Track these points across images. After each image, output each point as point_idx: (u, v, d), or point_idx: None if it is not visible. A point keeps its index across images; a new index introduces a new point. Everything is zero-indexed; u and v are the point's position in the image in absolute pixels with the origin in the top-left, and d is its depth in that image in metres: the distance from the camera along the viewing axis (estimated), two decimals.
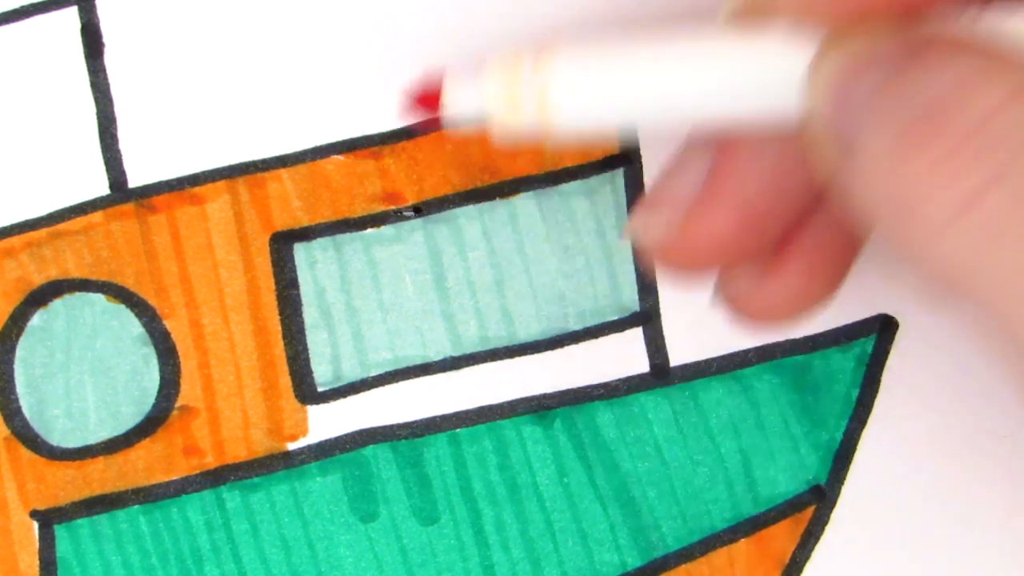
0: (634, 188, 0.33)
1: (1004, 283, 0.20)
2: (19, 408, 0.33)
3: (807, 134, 0.24)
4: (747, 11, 0.26)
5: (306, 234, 0.33)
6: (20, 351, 0.33)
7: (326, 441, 0.33)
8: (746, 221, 0.26)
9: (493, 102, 0.26)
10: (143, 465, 0.33)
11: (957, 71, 0.21)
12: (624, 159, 0.33)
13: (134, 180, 0.33)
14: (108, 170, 0.33)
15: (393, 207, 0.33)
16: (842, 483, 0.33)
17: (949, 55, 0.22)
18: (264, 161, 0.33)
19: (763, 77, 0.25)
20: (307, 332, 0.33)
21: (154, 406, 0.33)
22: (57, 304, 0.33)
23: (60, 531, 0.33)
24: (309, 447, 0.33)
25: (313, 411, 0.33)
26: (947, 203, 0.20)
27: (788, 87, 0.24)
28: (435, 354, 0.33)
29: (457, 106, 0.27)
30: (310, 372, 0.33)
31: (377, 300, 0.33)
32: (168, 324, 0.33)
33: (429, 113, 0.27)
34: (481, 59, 0.27)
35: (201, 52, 0.33)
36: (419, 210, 0.33)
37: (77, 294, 0.33)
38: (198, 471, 0.33)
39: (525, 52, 0.26)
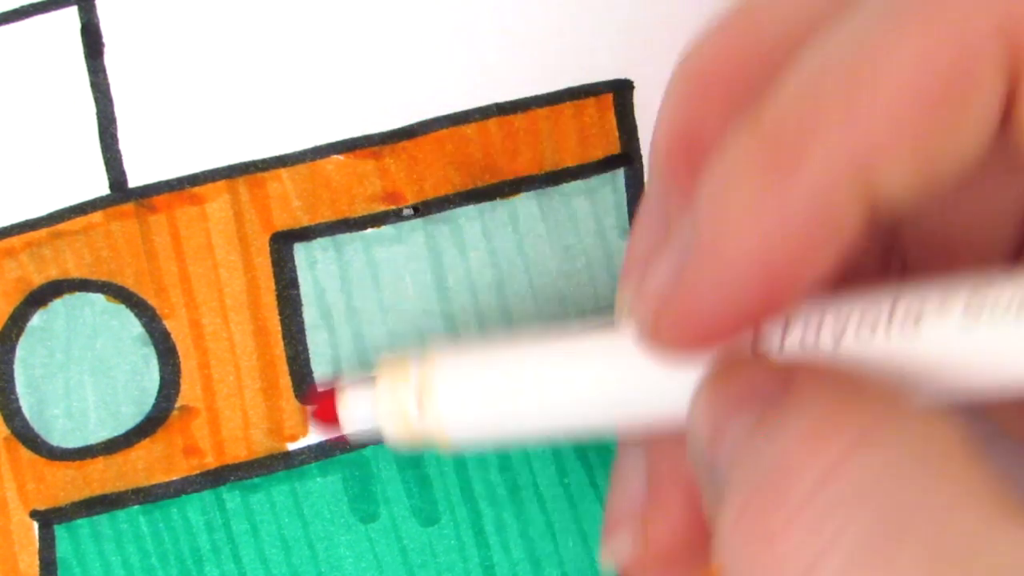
0: (634, 188, 0.33)
1: None
2: (19, 408, 0.33)
3: (689, 454, 0.24)
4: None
5: (306, 234, 0.33)
6: (20, 351, 0.33)
7: (326, 441, 0.33)
8: (696, 516, 0.26)
9: (383, 416, 0.27)
10: (143, 465, 0.33)
11: (807, 419, 0.21)
12: (625, 159, 0.33)
13: (134, 180, 0.33)
14: (108, 170, 0.33)
15: (393, 207, 0.33)
16: None
17: (808, 395, 0.21)
18: (264, 161, 0.33)
19: (653, 382, 0.24)
20: (307, 332, 0.33)
21: (154, 406, 0.33)
22: (57, 304, 0.33)
23: (60, 531, 0.33)
24: (309, 447, 0.33)
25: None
26: (789, 572, 0.20)
27: (678, 391, 0.24)
28: None
29: (352, 421, 0.27)
30: (310, 372, 0.33)
31: (377, 300, 0.33)
32: (168, 324, 0.33)
33: (328, 425, 0.27)
34: (374, 368, 0.27)
35: (201, 52, 0.33)
36: (419, 210, 0.33)
37: (77, 294, 0.33)
38: (198, 471, 0.33)
39: (410, 362, 0.26)
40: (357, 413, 0.27)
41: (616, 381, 0.25)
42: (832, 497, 0.20)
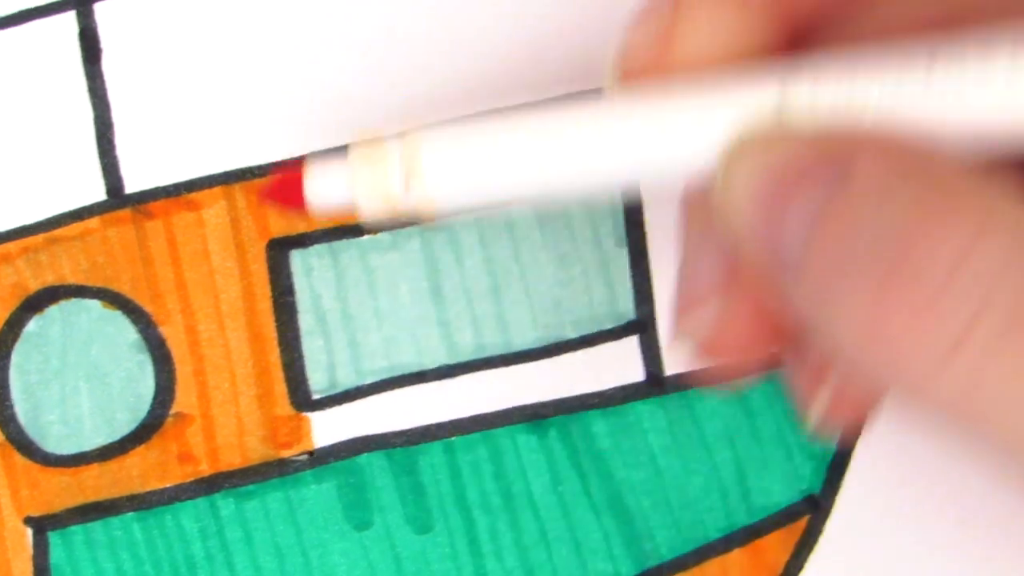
0: (633, 196, 0.33)
1: (1003, 411, 0.21)
2: (14, 414, 0.33)
3: (716, 211, 0.24)
4: (630, 75, 0.25)
5: (302, 241, 0.33)
6: (16, 357, 0.33)
7: (321, 449, 0.33)
8: (764, 316, 0.26)
9: (360, 189, 0.25)
10: (137, 472, 0.33)
11: (905, 203, 0.22)
12: None
13: (131, 186, 0.33)
14: (105, 176, 0.33)
15: None
16: (836, 494, 0.33)
17: (882, 176, 0.22)
18: (261, 167, 0.33)
19: (643, 137, 0.24)
20: (303, 339, 0.33)
21: (149, 413, 0.33)
22: (53, 310, 0.33)
23: (54, 538, 0.33)
24: (304, 455, 0.33)
25: (308, 418, 0.33)
26: (936, 347, 0.21)
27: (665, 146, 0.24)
28: (430, 362, 0.33)
29: (320, 197, 0.26)
30: (305, 379, 0.33)
31: (373, 307, 0.33)
32: (163, 330, 0.33)
33: (291, 205, 0.26)
34: (337, 148, 0.26)
35: (199, 58, 0.33)
36: None
37: (73, 300, 0.33)
38: (192, 478, 0.33)
39: (387, 136, 0.25)
40: (326, 190, 0.25)
41: (606, 133, 0.24)
42: (976, 269, 0.21)
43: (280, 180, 0.26)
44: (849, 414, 0.28)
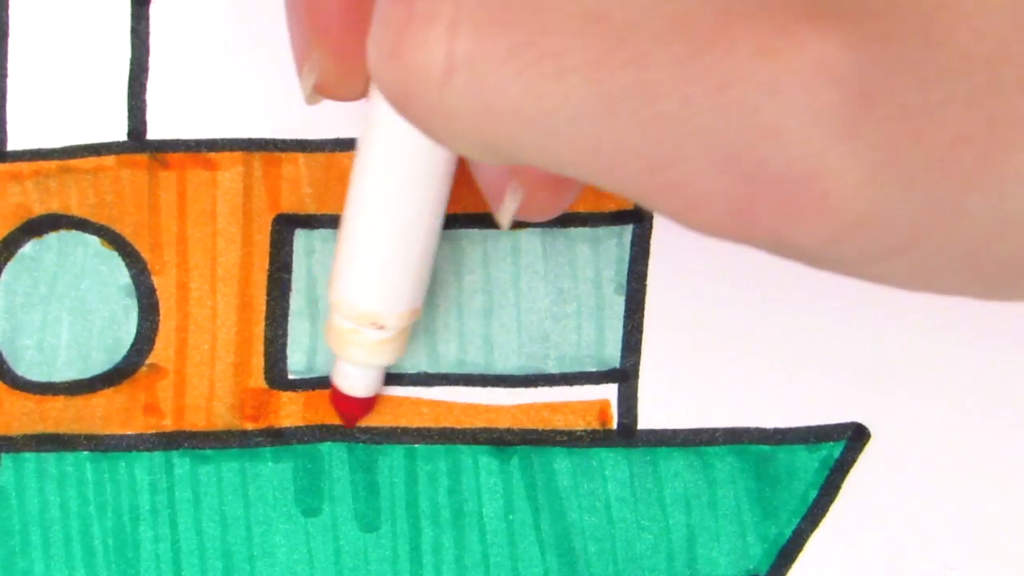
0: (640, 246, 0.33)
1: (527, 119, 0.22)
2: None
3: None
4: None
5: (310, 222, 0.33)
6: (5, 275, 0.33)
7: (285, 428, 0.33)
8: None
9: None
10: (101, 413, 0.33)
11: None
12: (635, 216, 0.33)
13: (153, 132, 0.33)
14: (130, 117, 0.33)
15: None
16: None
17: None
18: (284, 142, 0.33)
19: None
20: (290, 318, 0.33)
21: (124, 358, 0.33)
22: (52, 237, 0.33)
23: (6, 460, 0.33)
24: (267, 431, 0.33)
25: (279, 397, 0.33)
26: (431, 68, 0.22)
27: None
28: (410, 367, 0.33)
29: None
30: (284, 358, 0.33)
31: None
32: (156, 280, 0.33)
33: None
34: None
35: (245, 24, 0.33)
36: None
37: (74, 232, 0.33)
38: (154, 431, 0.33)
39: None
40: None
41: None
42: None
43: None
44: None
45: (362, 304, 0.30)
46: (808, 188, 0.21)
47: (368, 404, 0.32)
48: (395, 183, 0.28)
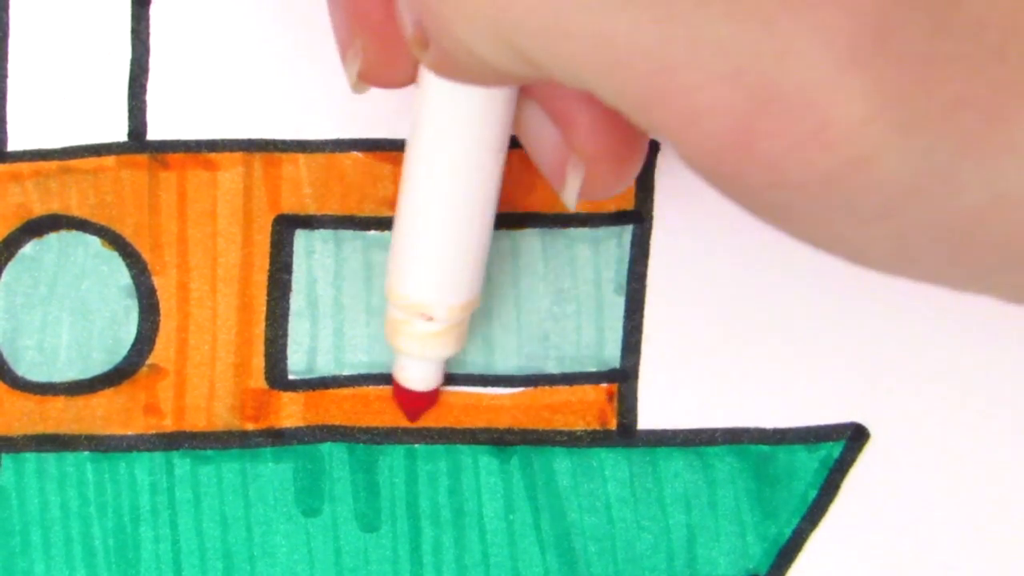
0: (640, 247, 0.33)
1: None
2: None
3: None
4: None
5: (310, 222, 0.33)
6: (6, 276, 0.33)
7: (286, 429, 0.33)
8: None
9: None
10: (102, 413, 0.33)
11: None
12: (636, 216, 0.33)
13: (153, 133, 0.33)
14: (130, 118, 0.33)
15: None
16: None
17: None
18: (284, 142, 0.33)
19: None
20: (291, 319, 0.33)
21: (125, 358, 0.33)
22: (52, 238, 0.33)
23: (6, 460, 0.33)
24: (268, 431, 0.33)
25: (279, 397, 0.33)
26: None
27: None
28: None
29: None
30: (285, 359, 0.33)
31: (365, 302, 0.33)
32: (156, 281, 0.33)
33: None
34: None
35: (246, 24, 0.33)
36: None
37: (74, 232, 0.33)
38: (154, 431, 0.33)
39: None
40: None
41: None
42: None
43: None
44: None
45: (412, 294, 0.30)
46: (810, 115, 0.21)
47: (429, 398, 0.32)
48: (443, 175, 0.29)
